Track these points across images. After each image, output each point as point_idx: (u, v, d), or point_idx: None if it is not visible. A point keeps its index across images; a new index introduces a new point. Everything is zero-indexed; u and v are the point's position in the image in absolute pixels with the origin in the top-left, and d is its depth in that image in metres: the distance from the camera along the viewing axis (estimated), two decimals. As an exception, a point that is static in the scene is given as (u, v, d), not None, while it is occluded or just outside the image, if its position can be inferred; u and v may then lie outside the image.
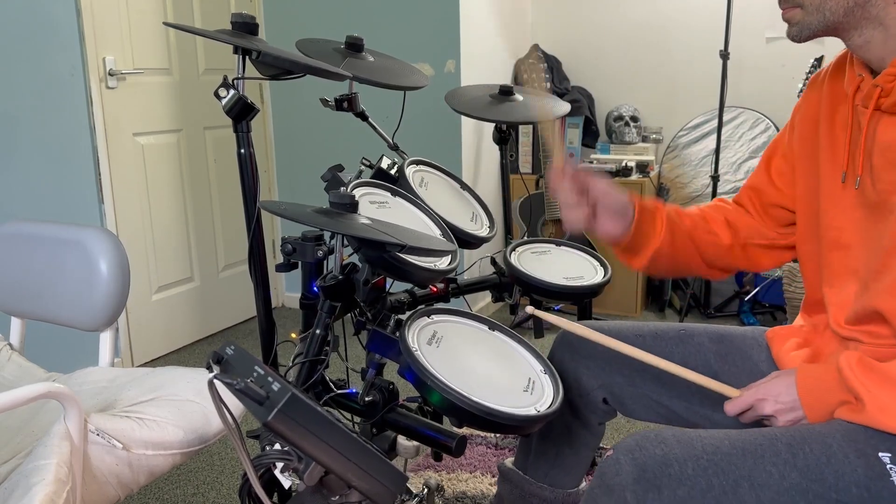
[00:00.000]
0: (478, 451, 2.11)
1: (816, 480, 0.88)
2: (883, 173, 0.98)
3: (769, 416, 1.01)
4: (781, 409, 0.99)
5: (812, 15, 0.97)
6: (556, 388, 1.12)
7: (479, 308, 3.27)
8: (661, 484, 0.89)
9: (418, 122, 2.71)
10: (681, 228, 1.21)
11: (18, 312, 1.54)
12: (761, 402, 1.01)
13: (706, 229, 1.23)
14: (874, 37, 0.96)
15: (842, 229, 1.06)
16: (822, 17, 0.96)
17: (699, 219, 1.24)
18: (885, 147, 0.97)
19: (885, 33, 0.95)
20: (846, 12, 0.95)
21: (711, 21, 3.29)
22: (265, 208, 1.11)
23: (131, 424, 1.15)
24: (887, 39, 0.95)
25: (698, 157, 3.39)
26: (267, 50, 1.23)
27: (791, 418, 0.99)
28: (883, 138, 0.97)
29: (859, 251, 1.04)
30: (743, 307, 3.16)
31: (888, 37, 0.95)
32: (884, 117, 0.98)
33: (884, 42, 0.95)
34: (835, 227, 1.07)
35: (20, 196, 2.37)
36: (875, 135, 0.99)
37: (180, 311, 3.06)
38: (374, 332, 1.16)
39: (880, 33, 0.95)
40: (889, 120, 0.97)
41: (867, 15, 0.95)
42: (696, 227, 1.22)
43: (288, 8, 3.23)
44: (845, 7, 0.95)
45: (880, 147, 0.98)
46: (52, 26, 2.41)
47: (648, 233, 1.19)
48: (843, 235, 1.06)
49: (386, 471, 0.89)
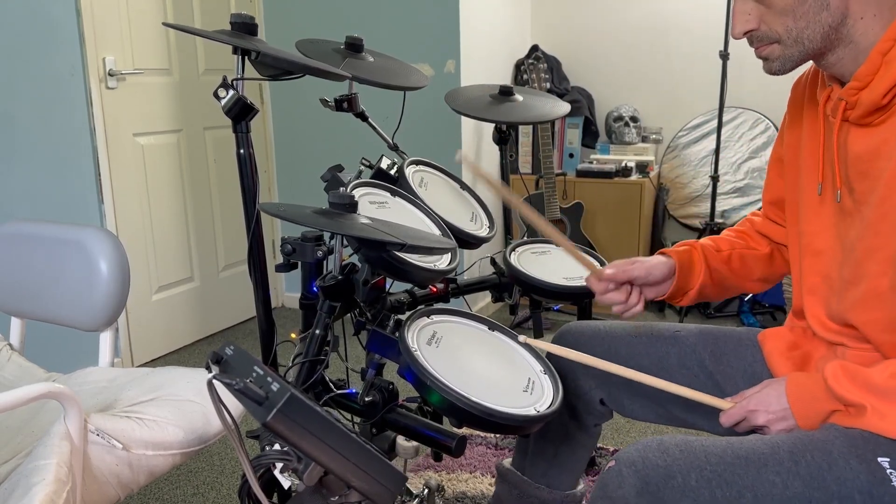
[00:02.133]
0: (478, 451, 2.11)
1: (819, 488, 0.88)
2: (854, 183, 0.99)
3: (762, 425, 1.01)
4: (773, 419, 1.00)
5: (791, 48, 0.98)
6: (556, 388, 1.12)
7: (479, 308, 3.27)
8: (664, 496, 0.89)
9: (418, 123, 2.71)
10: (717, 259, 1.25)
11: (18, 312, 1.54)
12: (753, 413, 1.02)
13: (744, 245, 1.27)
14: (845, 54, 0.97)
15: (815, 235, 1.08)
16: (802, 48, 0.97)
17: (737, 238, 1.28)
18: (854, 158, 0.98)
19: (856, 49, 0.96)
20: (823, 38, 0.96)
21: (711, 21, 3.29)
22: (265, 210, 1.11)
23: (131, 424, 1.15)
24: (857, 55, 0.96)
25: (698, 157, 3.39)
26: (266, 50, 1.23)
27: (783, 427, 1.00)
28: (853, 149, 0.98)
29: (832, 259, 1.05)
30: (743, 307, 3.15)
31: (858, 53, 0.96)
32: (853, 129, 0.99)
33: (854, 58, 0.97)
34: (809, 234, 1.09)
35: (20, 196, 2.37)
36: (846, 145, 1.00)
37: (180, 311, 3.06)
38: (374, 332, 1.16)
39: (851, 50, 0.97)
40: (858, 131, 0.98)
41: (840, 36, 0.96)
42: (734, 249, 1.26)
43: (288, 8, 3.23)
44: (822, 33, 0.95)
45: (851, 158, 0.99)
46: (51, 26, 2.41)
47: (689, 280, 1.23)
48: (815, 242, 1.08)
49: (386, 471, 0.89)
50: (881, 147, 0.94)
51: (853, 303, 1.00)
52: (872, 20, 0.94)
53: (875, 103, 0.93)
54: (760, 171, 3.27)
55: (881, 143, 0.94)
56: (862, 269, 0.98)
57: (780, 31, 0.97)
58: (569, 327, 1.34)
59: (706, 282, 1.23)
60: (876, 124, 0.95)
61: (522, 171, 3.48)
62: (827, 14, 0.94)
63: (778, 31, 0.97)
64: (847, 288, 1.01)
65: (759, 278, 1.28)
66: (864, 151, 0.97)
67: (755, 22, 0.99)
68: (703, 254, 1.23)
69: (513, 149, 3.48)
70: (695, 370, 1.21)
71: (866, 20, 0.94)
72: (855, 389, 0.93)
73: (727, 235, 1.30)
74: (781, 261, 1.28)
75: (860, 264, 0.98)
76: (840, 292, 1.03)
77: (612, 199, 3.24)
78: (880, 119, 0.95)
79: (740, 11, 1.00)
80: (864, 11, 0.94)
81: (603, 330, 1.29)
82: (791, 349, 1.13)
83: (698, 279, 1.22)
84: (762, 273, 1.28)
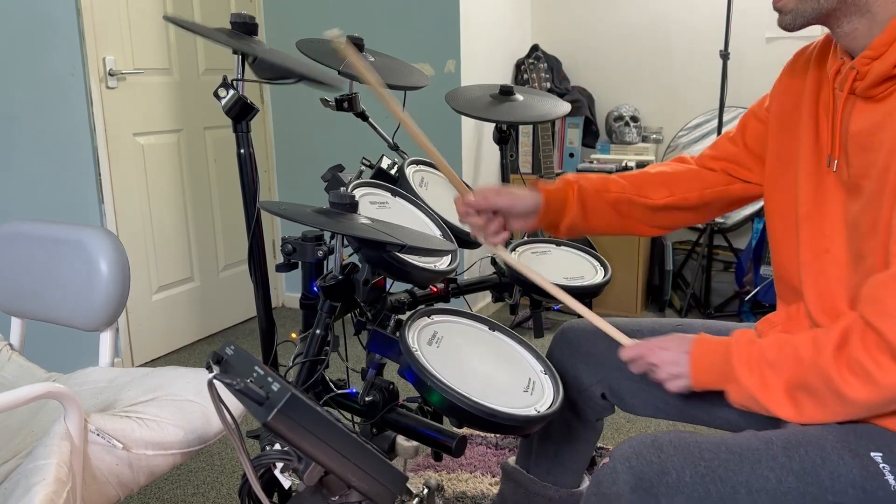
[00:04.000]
0: (478, 451, 2.11)
1: (813, 483, 0.88)
2: (854, 158, 0.98)
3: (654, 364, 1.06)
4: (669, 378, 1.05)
5: (806, 2, 0.97)
6: (556, 388, 1.12)
7: (479, 308, 3.27)
8: (658, 492, 0.89)
9: (418, 122, 2.71)
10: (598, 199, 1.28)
11: (18, 312, 1.54)
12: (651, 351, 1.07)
13: (637, 193, 1.28)
14: (861, 24, 0.96)
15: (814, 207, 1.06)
16: (817, 4, 0.96)
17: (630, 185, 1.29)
18: (856, 132, 0.98)
19: (872, 21, 0.95)
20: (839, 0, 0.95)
21: (711, 21, 3.28)
22: (265, 209, 1.11)
23: (131, 424, 1.15)
24: (872, 28, 0.95)
25: (698, 157, 3.39)
26: (264, 56, 1.22)
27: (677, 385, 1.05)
28: (855, 124, 0.98)
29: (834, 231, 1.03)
30: (743, 307, 3.15)
31: (873, 24, 0.95)
32: (858, 102, 0.98)
33: (869, 30, 0.95)
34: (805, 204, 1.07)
35: (20, 196, 2.37)
36: (849, 119, 0.99)
37: (180, 311, 3.05)
38: (374, 332, 1.16)
39: (867, 21, 0.95)
40: (862, 105, 0.97)
41: (857, 2, 0.95)
42: (623, 192, 1.28)
43: (288, 8, 3.23)
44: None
45: (852, 132, 0.98)
46: (51, 26, 2.41)
47: (560, 216, 1.27)
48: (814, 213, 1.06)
49: (386, 471, 0.89)
50: (886, 120, 0.93)
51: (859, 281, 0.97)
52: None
53: (886, 73, 0.92)
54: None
55: (885, 116, 0.93)
56: (867, 245, 0.96)
57: None
58: (569, 325, 1.34)
59: (577, 219, 1.27)
60: (879, 98, 0.94)
61: (523, 170, 3.48)
62: None
63: None
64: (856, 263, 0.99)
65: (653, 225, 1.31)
66: (868, 125, 0.96)
67: None
68: (578, 193, 1.27)
69: (513, 149, 3.48)
70: None
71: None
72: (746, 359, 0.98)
73: (621, 178, 1.31)
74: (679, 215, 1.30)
75: (865, 239, 0.96)
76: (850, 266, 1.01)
77: (613, 199, 3.24)
78: (887, 91, 0.94)
79: None
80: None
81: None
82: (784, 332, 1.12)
83: (569, 216, 1.27)
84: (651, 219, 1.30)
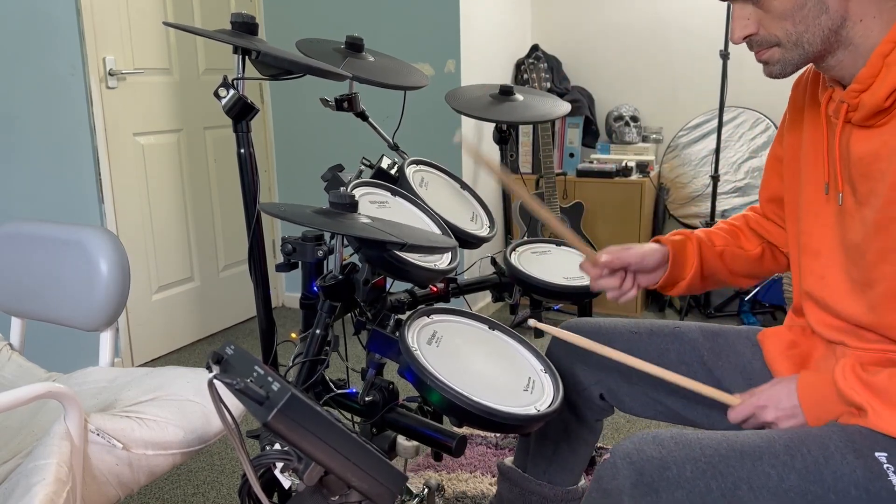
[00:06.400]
0: (478, 451, 2.11)
1: (815, 482, 0.88)
2: (857, 185, 0.99)
3: (770, 422, 1.01)
4: (782, 416, 1.00)
5: (791, 51, 0.98)
6: (556, 387, 1.12)
7: (479, 308, 3.27)
8: (658, 487, 0.89)
9: (419, 122, 2.71)
10: (711, 252, 1.26)
11: (18, 312, 1.54)
12: (762, 409, 1.02)
13: (735, 244, 1.27)
14: (845, 57, 0.97)
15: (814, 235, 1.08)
16: (802, 51, 0.97)
17: (729, 236, 1.28)
18: (857, 159, 0.98)
19: (855, 52, 0.96)
20: (823, 41, 0.96)
21: (711, 21, 3.28)
22: (265, 210, 1.11)
23: (131, 424, 1.15)
24: (856, 58, 0.96)
25: (698, 157, 3.39)
26: (267, 50, 1.22)
27: (792, 424, 1.00)
28: (856, 150, 0.98)
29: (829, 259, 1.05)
30: (743, 307, 3.15)
31: (857, 56, 0.96)
32: (855, 130, 0.99)
33: (854, 61, 0.97)
34: (807, 233, 1.09)
35: (20, 196, 2.37)
36: (849, 147, 1.00)
37: (180, 311, 3.05)
38: (374, 332, 1.16)
39: (851, 53, 0.97)
40: (860, 133, 0.98)
41: (839, 38, 0.96)
42: (727, 245, 1.27)
43: (288, 8, 3.23)
44: (821, 36, 0.95)
45: (854, 159, 0.99)
46: (51, 26, 2.41)
47: (682, 270, 1.24)
48: (813, 242, 1.08)
49: (386, 471, 0.89)
50: (881, 149, 0.94)
51: (871, 305, 0.99)
52: (872, 22, 0.94)
53: (877, 106, 0.93)
54: (760, 170, 3.26)
55: (881, 146, 0.94)
56: (877, 272, 0.97)
57: (780, 34, 0.97)
58: (569, 324, 1.34)
59: (697, 273, 1.24)
60: (878, 126, 0.95)
61: (523, 170, 3.48)
62: (826, 17, 0.94)
63: (777, 35, 0.97)
64: (862, 290, 1.00)
65: (747, 275, 1.30)
66: (867, 153, 0.97)
67: (754, 26, 0.99)
68: (697, 245, 1.24)
69: (513, 148, 3.48)
70: (694, 366, 1.21)
71: (866, 22, 0.94)
72: (861, 390, 0.93)
73: (720, 229, 1.30)
74: (771, 260, 1.28)
75: (874, 267, 0.97)
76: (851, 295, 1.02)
77: (613, 199, 3.24)
78: (883, 121, 0.95)
79: (739, 16, 1.00)
80: (864, 14, 0.94)
81: (604, 326, 1.29)
82: (790, 348, 1.13)
83: (691, 270, 1.23)
84: (750, 270, 1.29)
